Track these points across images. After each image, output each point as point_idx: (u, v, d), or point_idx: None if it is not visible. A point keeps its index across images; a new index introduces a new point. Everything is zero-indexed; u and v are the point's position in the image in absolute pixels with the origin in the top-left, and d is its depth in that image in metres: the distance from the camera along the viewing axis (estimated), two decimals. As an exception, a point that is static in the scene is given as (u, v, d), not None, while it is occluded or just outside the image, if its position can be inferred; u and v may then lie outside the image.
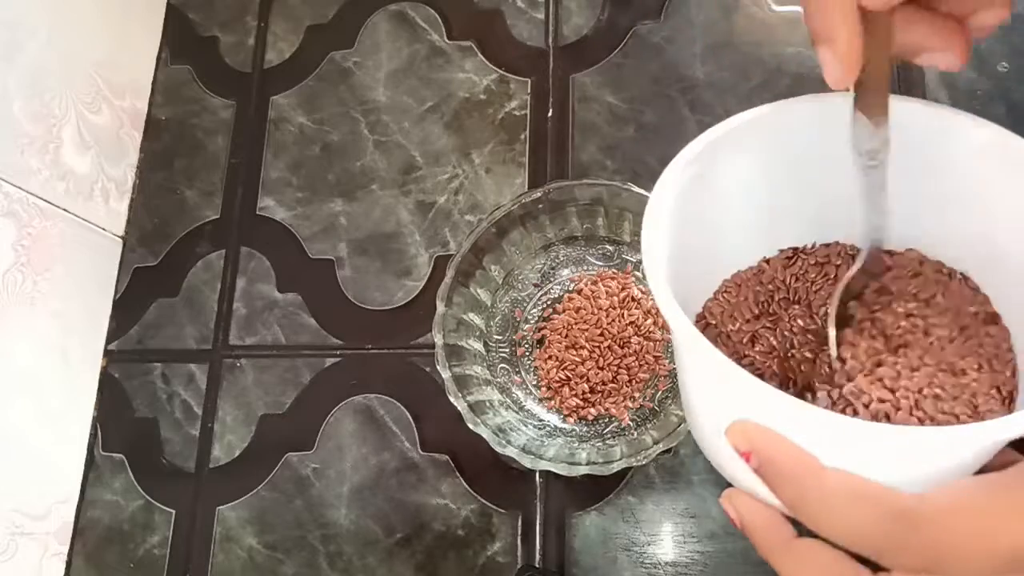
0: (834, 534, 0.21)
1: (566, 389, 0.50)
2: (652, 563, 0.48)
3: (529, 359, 0.51)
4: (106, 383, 0.59)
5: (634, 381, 0.49)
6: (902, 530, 0.19)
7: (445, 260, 0.55)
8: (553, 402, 0.50)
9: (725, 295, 0.32)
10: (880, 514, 0.20)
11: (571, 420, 0.49)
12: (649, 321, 0.50)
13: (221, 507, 0.54)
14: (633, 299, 0.50)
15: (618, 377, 0.49)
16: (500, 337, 0.52)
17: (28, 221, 0.53)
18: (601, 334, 0.50)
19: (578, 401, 0.49)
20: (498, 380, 0.51)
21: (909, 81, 0.54)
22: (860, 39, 0.23)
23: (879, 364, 0.26)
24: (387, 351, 0.55)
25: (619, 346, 0.50)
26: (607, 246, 0.52)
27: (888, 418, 0.25)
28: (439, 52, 0.61)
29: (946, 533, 0.19)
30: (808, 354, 0.29)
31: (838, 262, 0.31)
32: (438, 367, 0.46)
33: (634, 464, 0.43)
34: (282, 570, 0.52)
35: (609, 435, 0.49)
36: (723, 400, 0.24)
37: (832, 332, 0.28)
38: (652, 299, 0.51)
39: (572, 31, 0.60)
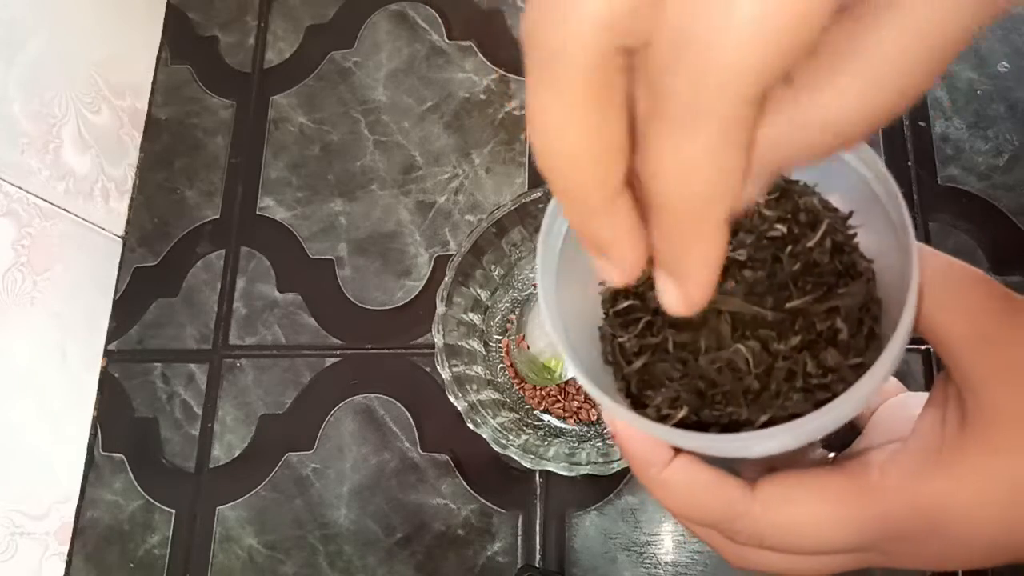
0: (676, 516, 0.25)
1: (566, 390, 0.50)
2: (652, 563, 0.48)
3: (529, 359, 0.51)
4: (106, 383, 0.59)
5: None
6: (732, 516, 0.23)
7: (445, 260, 0.55)
8: (558, 404, 0.50)
9: None
10: (713, 503, 0.23)
11: (571, 421, 0.49)
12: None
13: (221, 507, 0.54)
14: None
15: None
16: (500, 337, 0.52)
17: (28, 221, 0.53)
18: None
19: (579, 402, 0.49)
20: (498, 380, 0.51)
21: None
22: (643, 243, 0.17)
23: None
24: (387, 351, 0.55)
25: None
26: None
27: None
28: (439, 52, 0.61)
29: (765, 522, 0.23)
30: None
31: None
32: (438, 367, 0.46)
33: (634, 464, 0.43)
34: (282, 570, 0.52)
35: (609, 435, 0.49)
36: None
37: None
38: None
39: (572, 31, 0.60)
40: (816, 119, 0.15)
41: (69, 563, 0.55)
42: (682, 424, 0.24)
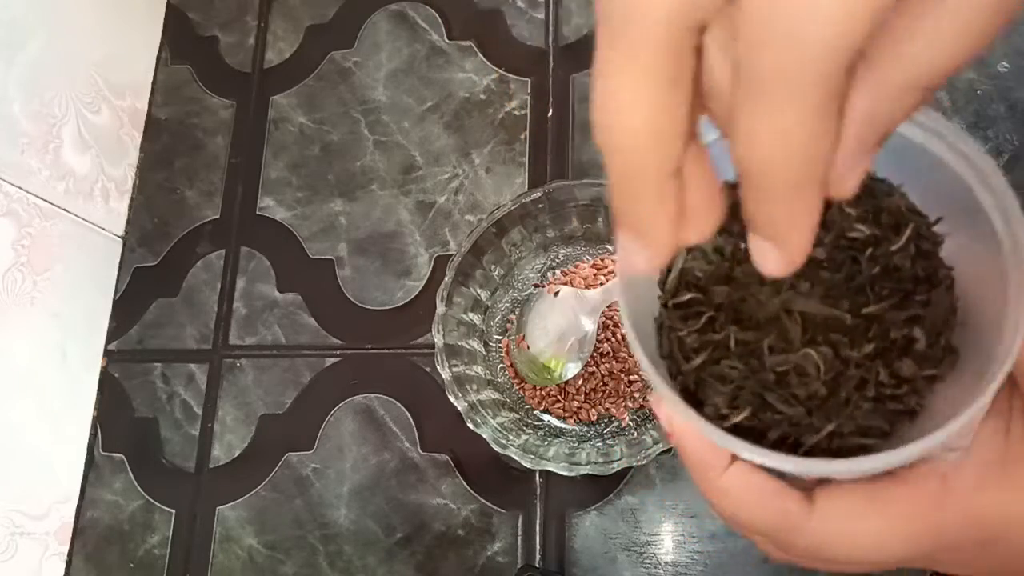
0: (729, 521, 0.24)
1: (566, 390, 0.50)
2: (652, 563, 0.48)
3: (529, 359, 0.51)
4: (106, 383, 0.59)
5: (634, 381, 0.49)
6: (788, 528, 0.23)
7: (445, 260, 0.55)
8: (558, 404, 0.50)
9: None
10: (770, 514, 0.23)
11: (571, 421, 0.49)
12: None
13: (221, 507, 0.54)
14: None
15: (617, 377, 0.49)
16: (500, 337, 0.52)
17: (28, 221, 0.53)
18: (601, 334, 0.50)
19: (579, 402, 0.49)
20: (498, 380, 0.51)
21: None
22: (676, 231, 0.17)
23: None
24: (387, 351, 0.55)
25: (619, 343, 0.50)
26: (607, 246, 0.52)
27: None
28: (439, 52, 0.61)
29: (824, 535, 0.22)
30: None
31: None
32: (438, 367, 0.46)
33: (634, 464, 0.43)
34: (282, 570, 0.52)
35: (609, 435, 0.49)
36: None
37: None
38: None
39: (572, 31, 0.60)
40: (901, 77, 0.15)
41: (69, 563, 0.55)
42: (741, 426, 0.23)
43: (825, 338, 0.22)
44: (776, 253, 0.17)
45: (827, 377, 0.22)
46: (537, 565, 0.49)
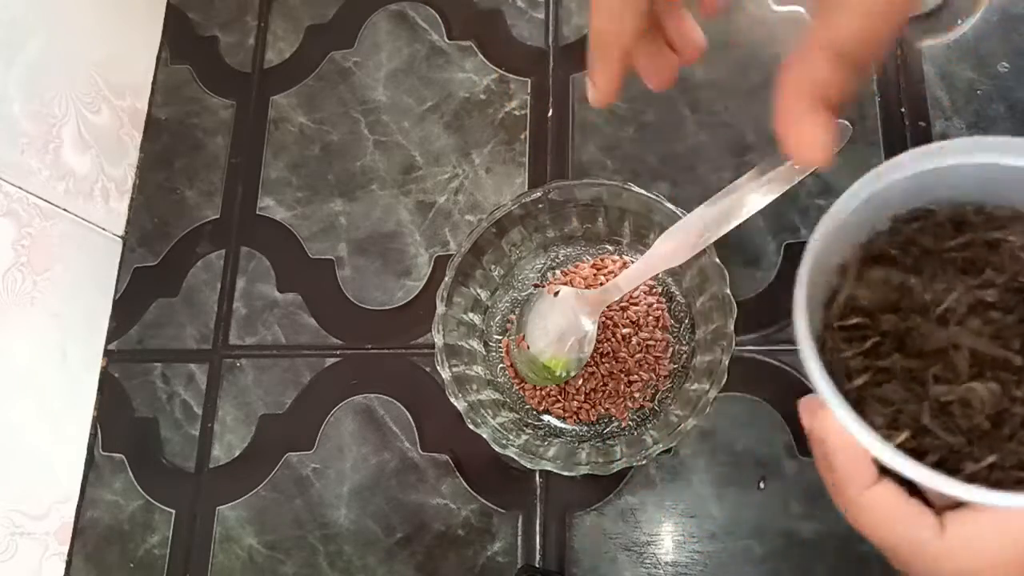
0: (861, 532, 0.26)
1: (566, 390, 0.50)
2: (652, 563, 0.48)
3: (529, 359, 0.51)
4: (106, 383, 0.59)
5: (634, 381, 0.49)
6: (917, 552, 0.24)
7: (445, 260, 0.55)
8: (558, 404, 0.50)
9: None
10: (904, 535, 0.24)
11: (571, 421, 0.49)
12: (650, 319, 0.50)
13: (221, 507, 0.54)
14: (632, 298, 0.50)
15: (617, 377, 0.49)
16: (500, 337, 0.52)
17: (28, 221, 0.53)
18: (601, 334, 0.50)
19: (579, 402, 0.49)
20: (498, 380, 0.51)
21: (909, 78, 0.54)
22: (619, 79, 0.28)
23: None
24: (387, 351, 0.55)
25: (619, 343, 0.50)
26: (607, 246, 0.52)
27: None
28: (439, 52, 0.61)
29: (949, 554, 0.24)
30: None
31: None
32: (438, 367, 0.46)
33: (634, 464, 0.43)
34: (282, 570, 0.52)
35: (609, 435, 0.49)
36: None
37: None
38: (649, 298, 0.51)
39: (572, 31, 0.60)
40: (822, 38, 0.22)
41: (69, 563, 0.55)
42: (899, 446, 0.24)
43: (993, 375, 0.23)
44: (592, 89, 0.29)
45: (991, 412, 0.23)
46: (537, 565, 0.49)
